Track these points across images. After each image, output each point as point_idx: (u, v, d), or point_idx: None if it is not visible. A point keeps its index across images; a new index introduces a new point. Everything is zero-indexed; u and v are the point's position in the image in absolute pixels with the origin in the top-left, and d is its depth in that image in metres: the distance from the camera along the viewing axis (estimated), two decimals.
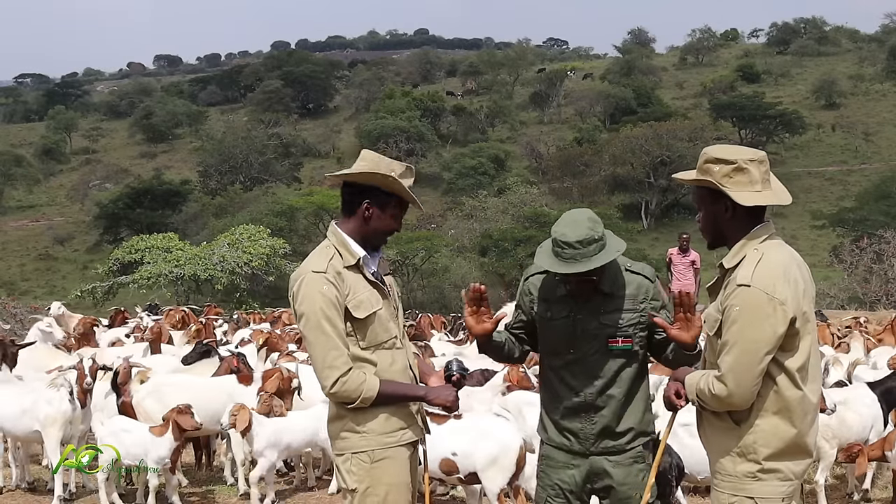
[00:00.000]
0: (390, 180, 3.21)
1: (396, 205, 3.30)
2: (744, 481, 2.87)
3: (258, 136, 60.43)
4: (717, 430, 2.94)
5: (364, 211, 3.25)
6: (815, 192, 54.01)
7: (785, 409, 2.84)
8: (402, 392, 3.21)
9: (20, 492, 6.89)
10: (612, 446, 3.32)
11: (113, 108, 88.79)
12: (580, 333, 3.31)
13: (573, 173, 52.98)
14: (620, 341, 3.29)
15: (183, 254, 24.55)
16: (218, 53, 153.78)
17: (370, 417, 3.15)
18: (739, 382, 2.77)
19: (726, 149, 2.99)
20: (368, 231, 3.28)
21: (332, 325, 3.10)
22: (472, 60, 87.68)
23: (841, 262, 24.21)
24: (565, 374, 3.35)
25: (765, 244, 2.91)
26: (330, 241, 3.27)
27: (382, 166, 3.23)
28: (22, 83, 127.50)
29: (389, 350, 3.23)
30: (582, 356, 3.31)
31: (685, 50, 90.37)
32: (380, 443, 3.15)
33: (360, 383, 3.10)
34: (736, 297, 2.81)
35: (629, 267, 3.38)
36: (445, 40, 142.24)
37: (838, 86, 69.81)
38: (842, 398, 6.13)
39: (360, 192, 3.26)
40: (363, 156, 3.29)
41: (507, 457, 5.44)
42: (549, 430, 3.44)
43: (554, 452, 3.42)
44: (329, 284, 3.12)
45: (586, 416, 3.33)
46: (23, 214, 61.92)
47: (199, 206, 50.23)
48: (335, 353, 3.10)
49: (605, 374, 3.30)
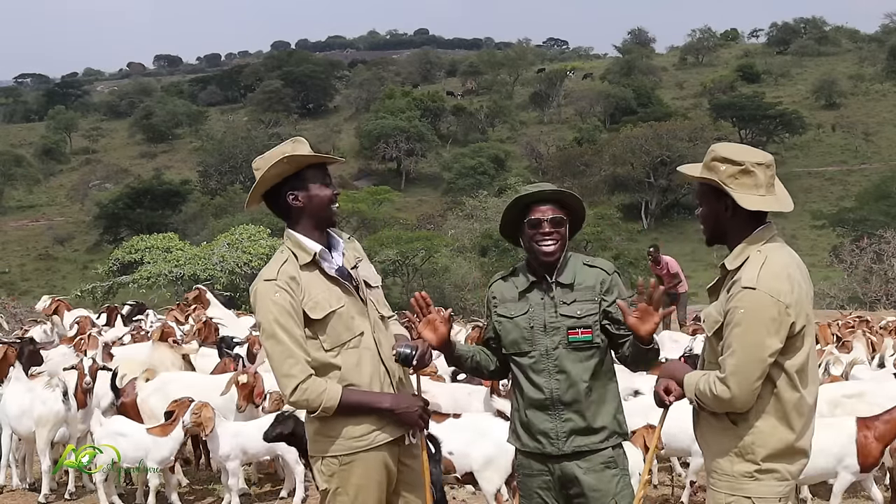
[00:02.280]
0: (287, 160, 3.14)
1: (313, 175, 3.19)
2: (741, 481, 2.87)
3: (258, 136, 60.40)
4: (715, 430, 2.94)
5: (293, 202, 3.18)
6: (815, 192, 54.04)
7: (783, 411, 2.85)
8: (366, 401, 3.13)
9: (20, 491, 6.89)
10: (584, 445, 3.30)
11: (113, 108, 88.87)
12: (540, 327, 3.33)
13: (573, 173, 52.98)
14: (580, 332, 3.29)
15: (183, 254, 24.50)
16: (218, 53, 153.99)
17: (339, 422, 3.11)
18: (742, 385, 2.77)
19: (735, 149, 2.97)
20: (312, 215, 3.19)
21: (286, 332, 3.05)
22: (472, 60, 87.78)
23: (841, 262, 24.22)
24: (530, 372, 3.35)
25: (767, 246, 2.90)
26: (285, 244, 3.23)
27: (273, 157, 3.16)
28: (22, 83, 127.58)
29: (356, 349, 3.15)
30: (545, 351, 3.32)
31: (685, 50, 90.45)
32: (349, 447, 3.12)
33: (321, 392, 3.05)
34: (741, 300, 2.80)
35: (587, 262, 3.42)
36: (445, 40, 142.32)
37: (838, 86, 69.87)
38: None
39: (278, 193, 3.20)
40: (254, 166, 3.22)
41: (504, 457, 5.42)
42: (522, 437, 3.42)
43: (528, 461, 3.43)
44: (281, 291, 3.06)
45: (555, 413, 3.31)
46: (23, 214, 61.96)
47: (198, 206, 50.25)
48: (291, 361, 3.05)
49: (570, 368, 3.30)
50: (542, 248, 3.32)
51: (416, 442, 3.29)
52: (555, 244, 3.31)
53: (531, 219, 3.33)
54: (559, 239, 3.33)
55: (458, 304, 26.65)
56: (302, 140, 3.23)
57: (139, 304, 13.90)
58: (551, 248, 3.31)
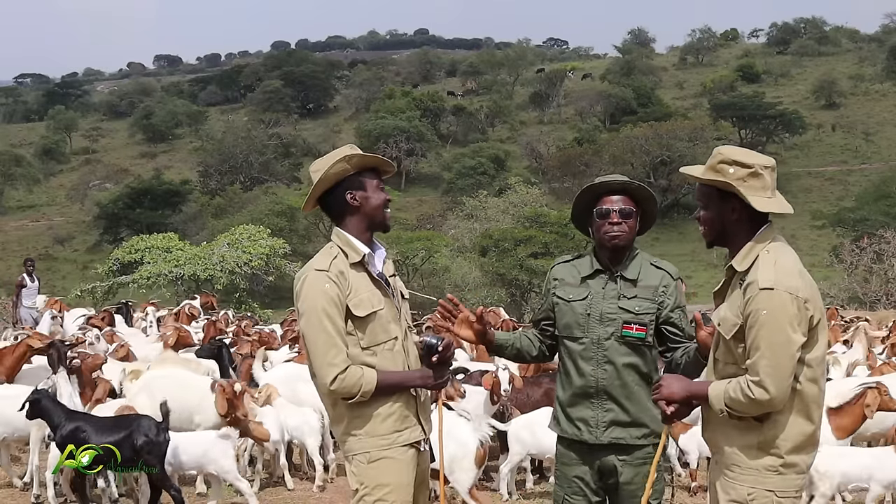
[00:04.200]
0: (347, 158, 3.26)
1: (371, 176, 3.32)
2: (765, 475, 2.91)
3: (258, 136, 60.47)
4: (732, 426, 2.96)
5: (351, 201, 3.28)
6: (815, 192, 54.03)
7: (804, 404, 2.90)
8: (399, 380, 3.24)
9: (20, 491, 6.88)
10: (622, 438, 3.37)
11: (113, 108, 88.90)
12: (597, 315, 3.39)
13: (573, 173, 52.98)
14: (635, 328, 3.36)
15: (183, 254, 24.51)
16: (218, 53, 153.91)
17: (364, 422, 3.20)
18: (778, 385, 2.81)
19: (742, 152, 3.01)
20: (367, 216, 3.30)
21: (332, 322, 3.13)
22: (472, 60, 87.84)
23: (841, 262, 24.24)
24: (579, 359, 3.41)
25: (773, 245, 2.94)
26: (334, 242, 3.31)
27: (335, 158, 3.28)
28: (22, 83, 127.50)
29: (390, 351, 3.26)
30: (596, 340, 3.38)
31: (685, 50, 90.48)
32: (374, 445, 3.20)
33: (359, 378, 3.14)
34: (761, 302, 2.83)
35: (654, 262, 3.49)
36: (445, 40, 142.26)
37: (838, 86, 69.90)
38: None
39: (336, 192, 3.30)
40: (313, 168, 3.33)
41: (467, 458, 5.57)
42: (562, 422, 3.49)
43: (567, 451, 3.49)
44: (331, 283, 3.15)
45: (598, 402, 3.38)
46: (23, 214, 61.95)
47: (198, 207, 50.27)
48: (334, 350, 3.13)
49: (618, 361, 3.37)
50: (611, 237, 3.38)
51: (427, 449, 3.36)
52: (623, 234, 3.38)
53: (601, 208, 3.41)
54: (628, 231, 3.39)
55: None
56: (357, 147, 3.36)
57: (125, 303, 13.91)
58: (619, 238, 3.38)
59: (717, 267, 39.84)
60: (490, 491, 6.62)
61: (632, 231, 3.40)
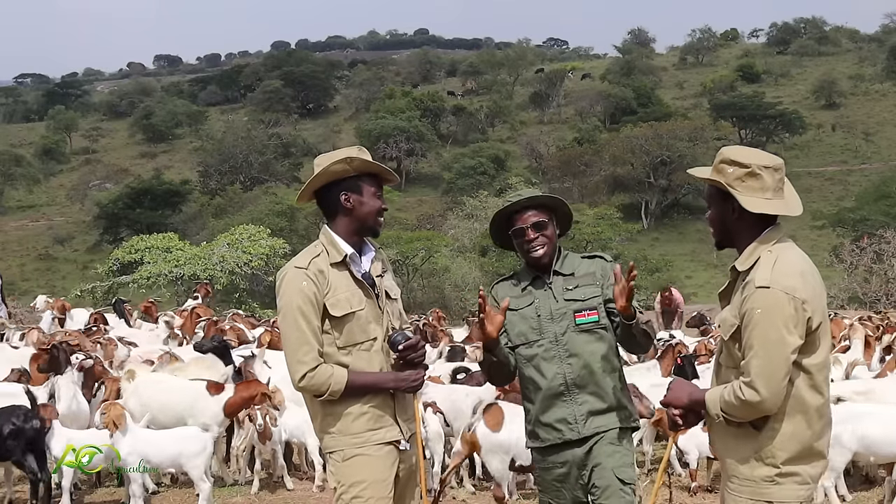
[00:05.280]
0: (349, 160, 3.26)
1: (370, 182, 3.31)
2: (762, 485, 2.85)
3: (258, 136, 60.44)
4: (733, 435, 2.91)
5: (345, 202, 3.28)
6: (815, 192, 54.01)
7: (802, 412, 2.83)
8: (372, 381, 3.23)
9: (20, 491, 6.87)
10: (603, 426, 3.40)
11: (113, 108, 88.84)
12: (548, 315, 3.42)
13: (573, 173, 53.05)
14: (587, 314, 3.41)
15: (183, 254, 24.51)
16: (218, 53, 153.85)
17: (336, 420, 3.21)
18: (770, 386, 2.74)
19: (744, 151, 2.97)
20: (359, 219, 3.29)
21: (306, 320, 3.15)
22: (472, 60, 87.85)
23: (841, 262, 24.20)
24: (541, 362, 3.43)
25: (777, 246, 2.89)
26: (320, 240, 3.32)
27: (337, 157, 3.28)
28: (22, 83, 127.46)
29: (367, 352, 3.25)
30: (554, 338, 3.41)
31: (685, 50, 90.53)
32: (347, 443, 3.21)
33: (328, 377, 3.14)
34: (756, 300, 2.78)
35: (585, 256, 3.59)
36: (445, 40, 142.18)
37: (838, 86, 69.93)
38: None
39: (332, 190, 3.30)
40: (316, 162, 3.34)
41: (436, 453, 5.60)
42: (540, 433, 3.48)
43: (544, 457, 3.49)
44: (308, 280, 3.17)
45: (570, 398, 3.40)
46: (23, 214, 61.95)
47: (198, 207, 50.24)
48: (306, 348, 3.15)
49: (580, 351, 3.40)
50: (532, 254, 3.45)
51: (410, 448, 3.33)
52: (542, 248, 3.45)
53: (515, 229, 3.49)
54: (546, 241, 3.45)
55: (458, 304, 26.66)
56: (366, 150, 3.35)
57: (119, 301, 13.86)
58: (540, 252, 3.45)
59: (717, 267, 39.83)
60: (489, 490, 6.62)
61: (551, 239, 3.46)
